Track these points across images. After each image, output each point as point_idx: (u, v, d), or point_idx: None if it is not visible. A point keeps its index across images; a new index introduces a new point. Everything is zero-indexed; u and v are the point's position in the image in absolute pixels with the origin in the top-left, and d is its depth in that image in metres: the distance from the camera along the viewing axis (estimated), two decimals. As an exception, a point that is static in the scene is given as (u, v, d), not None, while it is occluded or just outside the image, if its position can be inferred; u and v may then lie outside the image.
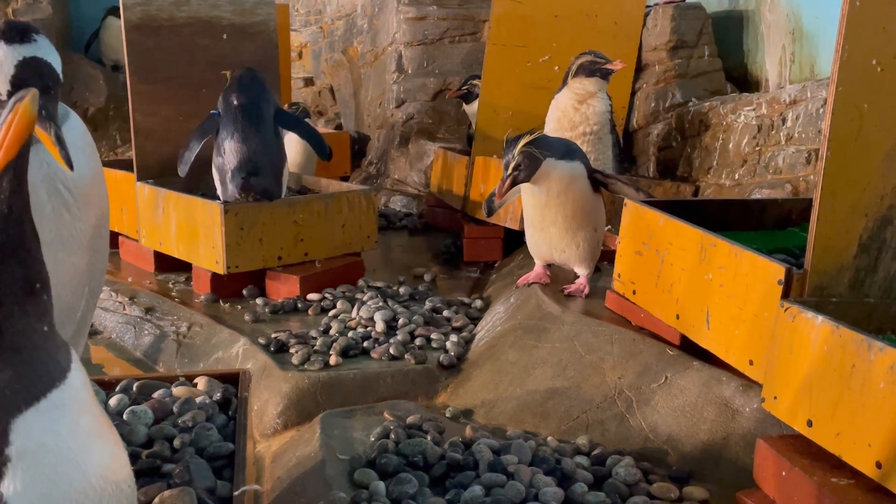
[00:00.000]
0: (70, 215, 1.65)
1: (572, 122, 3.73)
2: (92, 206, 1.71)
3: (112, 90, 6.37)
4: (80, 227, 1.67)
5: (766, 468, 1.86)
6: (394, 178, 5.61)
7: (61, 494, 1.01)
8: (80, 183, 1.67)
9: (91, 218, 1.71)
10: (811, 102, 3.44)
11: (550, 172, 2.83)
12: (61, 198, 1.64)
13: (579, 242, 2.93)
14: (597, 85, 3.68)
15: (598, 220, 2.95)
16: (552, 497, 1.90)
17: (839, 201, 1.94)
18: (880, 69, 1.90)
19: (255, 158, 3.41)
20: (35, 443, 1.01)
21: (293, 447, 2.30)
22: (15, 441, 1.00)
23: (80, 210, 1.67)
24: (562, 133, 3.76)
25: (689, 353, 2.38)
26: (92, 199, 1.71)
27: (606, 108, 3.69)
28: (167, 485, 1.64)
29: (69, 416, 1.05)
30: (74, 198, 1.66)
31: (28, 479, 0.99)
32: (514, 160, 2.77)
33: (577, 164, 2.89)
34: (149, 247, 3.82)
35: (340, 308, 3.22)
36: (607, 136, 3.74)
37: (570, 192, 2.87)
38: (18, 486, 0.98)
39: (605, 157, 3.75)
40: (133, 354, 3.28)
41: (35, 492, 0.99)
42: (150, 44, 3.79)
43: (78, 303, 1.74)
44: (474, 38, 5.50)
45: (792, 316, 1.83)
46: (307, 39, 7.44)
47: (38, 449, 1.01)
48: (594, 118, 3.67)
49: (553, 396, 2.47)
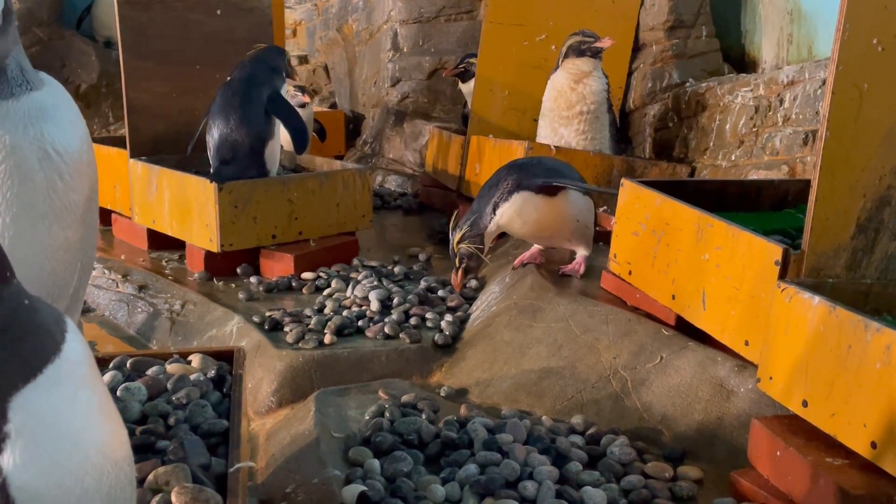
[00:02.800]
0: (63, 184, 1.60)
1: (569, 101, 3.72)
2: (84, 176, 1.67)
3: (104, 66, 6.31)
4: (74, 199, 1.64)
5: (761, 448, 1.86)
6: (389, 157, 5.58)
7: (61, 471, 1.00)
8: (71, 149, 1.62)
9: (84, 188, 1.68)
10: (809, 83, 3.43)
11: (500, 223, 2.82)
12: (53, 163, 1.59)
13: (568, 237, 2.94)
14: (589, 64, 3.67)
15: (573, 213, 2.88)
16: (547, 476, 1.91)
17: (837, 182, 1.94)
18: (881, 48, 1.88)
19: (232, 143, 3.40)
20: (34, 420, 1.00)
21: (288, 425, 2.29)
22: (13, 419, 0.98)
23: (72, 178, 1.62)
24: (559, 113, 3.75)
25: (684, 333, 2.37)
26: (84, 168, 1.67)
27: (603, 86, 3.67)
28: (161, 461, 1.64)
29: (67, 391, 1.04)
30: (66, 164, 1.61)
31: (27, 456, 0.98)
32: (455, 255, 2.82)
33: (515, 196, 2.78)
34: (142, 224, 3.80)
35: (335, 287, 3.21)
36: (604, 115, 3.72)
37: (527, 220, 2.82)
38: (18, 462, 0.97)
39: (601, 137, 3.74)
40: (126, 332, 3.26)
41: (35, 469, 0.98)
42: (142, 19, 3.75)
43: (71, 277, 1.72)
44: (470, 16, 5.46)
45: (789, 297, 1.83)
46: (301, 17, 7.38)
47: (36, 426, 1.00)
48: (591, 97, 3.65)
49: (548, 376, 2.47)
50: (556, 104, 3.73)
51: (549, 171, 2.85)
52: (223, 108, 3.44)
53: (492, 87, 4.30)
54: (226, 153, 3.40)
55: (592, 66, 3.66)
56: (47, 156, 1.58)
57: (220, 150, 3.41)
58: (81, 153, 1.66)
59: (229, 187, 3.31)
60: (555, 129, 3.86)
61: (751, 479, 1.86)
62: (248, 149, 3.43)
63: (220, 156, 3.41)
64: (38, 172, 1.57)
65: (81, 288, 1.80)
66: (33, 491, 0.98)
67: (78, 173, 1.65)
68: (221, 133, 3.41)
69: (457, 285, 2.89)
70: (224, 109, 3.43)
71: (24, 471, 0.97)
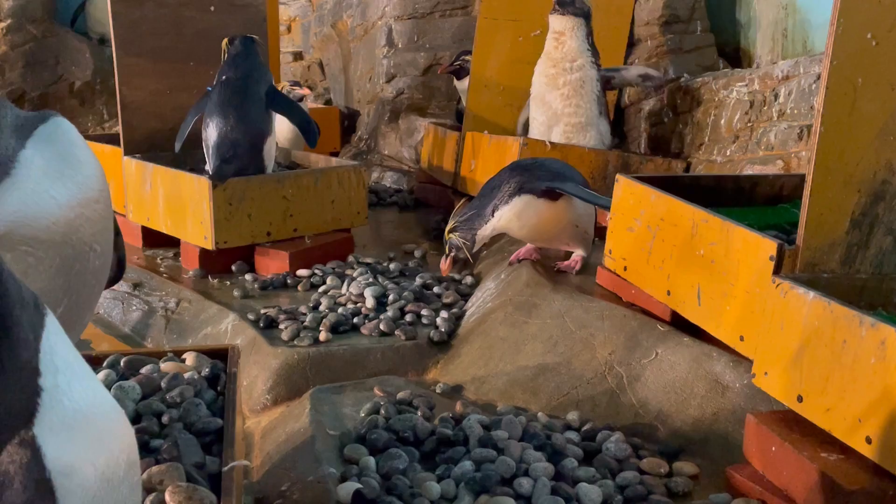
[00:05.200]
0: (45, 268, 1.41)
1: (553, 59, 3.85)
2: (104, 255, 1.52)
3: (98, 64, 6.29)
4: (89, 280, 1.51)
5: (756, 443, 1.87)
6: (384, 153, 5.57)
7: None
8: (46, 223, 1.38)
9: (102, 272, 1.56)
10: (804, 78, 3.42)
11: (498, 225, 2.86)
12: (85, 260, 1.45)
13: (566, 241, 2.96)
14: (559, 22, 3.81)
15: (573, 218, 2.89)
16: (542, 472, 1.90)
17: (832, 177, 1.93)
18: (875, 43, 1.88)
19: (232, 141, 3.39)
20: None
21: (283, 423, 2.29)
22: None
23: (63, 271, 1.43)
24: (545, 72, 3.87)
25: (679, 329, 2.37)
26: (86, 247, 1.48)
27: (583, 46, 3.79)
28: (155, 461, 1.63)
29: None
30: (47, 254, 1.41)
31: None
32: (447, 245, 2.89)
33: (516, 199, 2.81)
34: (136, 222, 3.79)
35: (330, 284, 3.20)
36: (591, 84, 3.79)
37: (526, 223, 2.85)
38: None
39: (587, 106, 3.82)
40: (121, 330, 3.26)
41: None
42: (135, 16, 3.74)
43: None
44: (465, 12, 5.44)
45: (783, 292, 1.83)
46: (296, 13, 7.36)
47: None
48: (570, 54, 3.82)
49: (543, 372, 2.47)
50: (542, 63, 3.86)
51: (553, 174, 2.86)
52: (222, 107, 3.41)
53: (486, 82, 4.29)
54: (226, 151, 3.38)
55: (565, 24, 3.79)
56: (15, 249, 1.37)
57: (220, 149, 3.38)
58: (76, 235, 1.47)
59: (224, 184, 3.30)
60: (542, 98, 3.90)
61: (746, 475, 1.86)
62: (249, 146, 3.42)
63: (220, 154, 3.38)
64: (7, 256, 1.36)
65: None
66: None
67: (67, 258, 1.47)
68: (221, 131, 3.39)
69: (444, 271, 2.98)
70: (223, 108, 3.41)
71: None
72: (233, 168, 3.37)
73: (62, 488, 0.92)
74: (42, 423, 0.94)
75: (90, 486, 0.97)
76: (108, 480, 1.00)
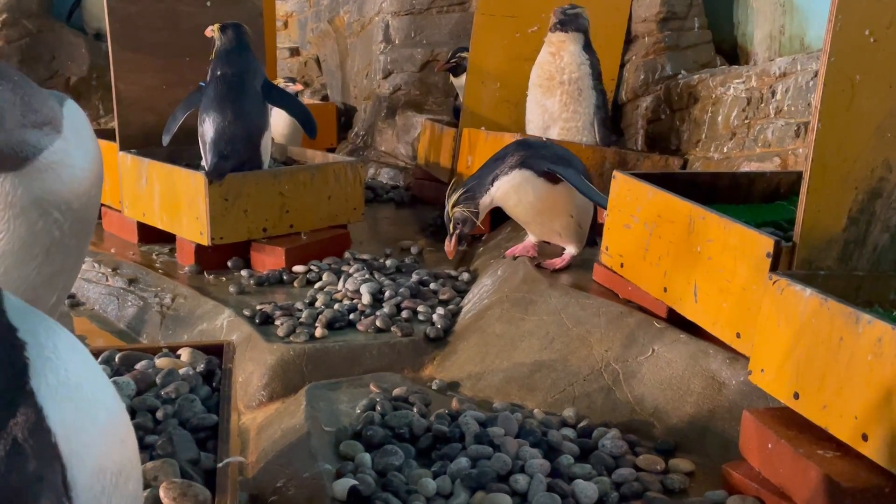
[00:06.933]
0: (61, 233, 1.53)
1: (548, 72, 3.88)
2: (85, 221, 1.59)
3: (94, 59, 6.27)
4: (69, 243, 1.57)
5: (752, 440, 1.86)
6: (381, 150, 5.56)
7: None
8: (75, 205, 1.52)
9: (84, 233, 1.61)
10: (801, 75, 3.42)
11: (496, 195, 2.84)
12: (53, 218, 1.51)
13: (559, 231, 2.94)
14: (560, 37, 3.81)
15: (569, 207, 2.88)
16: (538, 469, 1.90)
17: (829, 174, 1.93)
18: (873, 40, 1.87)
19: (229, 137, 3.37)
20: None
21: (278, 419, 2.28)
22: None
23: (72, 227, 1.54)
24: (540, 83, 3.88)
25: (676, 325, 2.37)
26: (87, 214, 1.58)
27: (580, 59, 3.79)
28: (150, 456, 1.62)
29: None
30: (69, 219, 1.53)
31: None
32: (450, 220, 2.86)
33: (516, 172, 2.81)
34: (132, 217, 3.78)
35: (326, 280, 3.20)
36: (588, 92, 3.81)
37: (522, 199, 2.84)
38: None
39: (585, 112, 3.83)
40: (116, 326, 3.25)
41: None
42: (131, 10, 3.72)
43: (51, 297, 1.66)
44: (462, 8, 5.43)
45: (780, 289, 1.83)
46: (293, 8, 7.34)
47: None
48: (568, 68, 3.82)
49: (540, 369, 2.46)
50: (537, 75, 3.88)
51: (558, 158, 2.86)
52: (219, 103, 3.39)
53: (484, 79, 4.29)
54: (224, 147, 3.37)
55: (564, 39, 3.80)
56: (48, 213, 1.52)
57: (217, 145, 3.37)
58: (88, 203, 1.59)
59: (221, 181, 3.29)
60: (539, 102, 3.93)
61: (742, 472, 1.86)
62: (246, 142, 3.41)
63: (217, 150, 3.37)
64: (38, 223, 1.52)
65: (60, 301, 1.76)
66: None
67: (79, 222, 1.59)
68: (218, 128, 3.37)
69: (450, 252, 2.91)
70: (220, 104, 3.39)
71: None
72: (230, 164, 3.36)
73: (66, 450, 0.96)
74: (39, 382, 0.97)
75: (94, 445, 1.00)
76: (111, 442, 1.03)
